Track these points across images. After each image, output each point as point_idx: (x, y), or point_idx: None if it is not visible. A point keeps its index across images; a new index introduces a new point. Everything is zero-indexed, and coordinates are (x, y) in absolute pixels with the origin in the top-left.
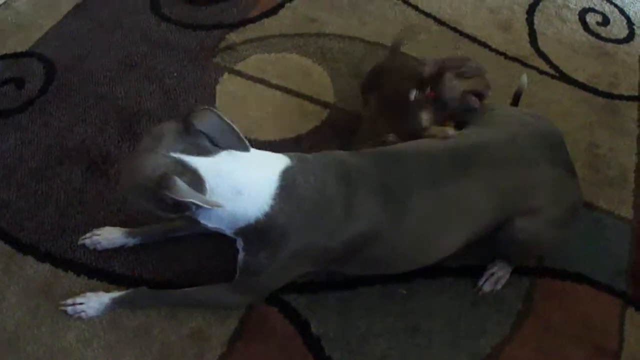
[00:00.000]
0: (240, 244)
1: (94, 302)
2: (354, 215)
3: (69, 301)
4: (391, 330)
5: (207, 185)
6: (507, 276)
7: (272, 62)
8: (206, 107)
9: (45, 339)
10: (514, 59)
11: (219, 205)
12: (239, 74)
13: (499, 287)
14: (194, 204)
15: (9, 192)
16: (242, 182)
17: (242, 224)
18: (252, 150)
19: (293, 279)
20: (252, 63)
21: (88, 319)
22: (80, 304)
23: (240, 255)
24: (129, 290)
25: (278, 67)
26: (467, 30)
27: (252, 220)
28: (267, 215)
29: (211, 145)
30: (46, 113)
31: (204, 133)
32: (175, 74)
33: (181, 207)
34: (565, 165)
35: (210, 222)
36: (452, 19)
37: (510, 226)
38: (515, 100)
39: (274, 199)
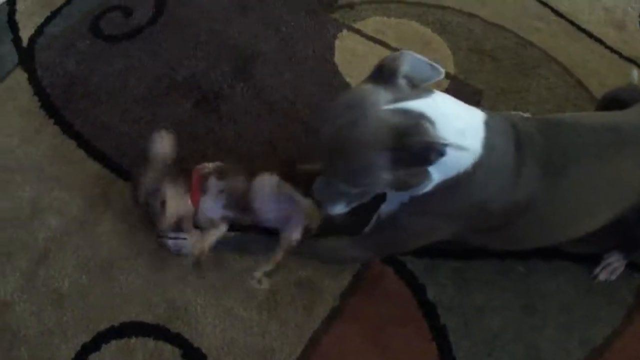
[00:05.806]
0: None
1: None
2: (518, 183)
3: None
4: (508, 307)
5: (438, 127)
6: (622, 268)
7: (391, 25)
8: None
9: (142, 271)
10: (629, 60)
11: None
12: (358, 32)
13: (613, 277)
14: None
15: (111, 115)
16: (462, 121)
17: (452, 173)
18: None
19: (426, 243)
20: (371, 24)
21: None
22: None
23: (386, 206)
24: (237, 233)
25: (397, 31)
26: (584, 26)
27: (461, 170)
28: (473, 166)
29: (412, 87)
30: (155, 43)
31: (401, 76)
32: (292, 23)
33: (426, 157)
34: None
35: (436, 172)
36: (569, 12)
37: None
38: None
39: (481, 148)
